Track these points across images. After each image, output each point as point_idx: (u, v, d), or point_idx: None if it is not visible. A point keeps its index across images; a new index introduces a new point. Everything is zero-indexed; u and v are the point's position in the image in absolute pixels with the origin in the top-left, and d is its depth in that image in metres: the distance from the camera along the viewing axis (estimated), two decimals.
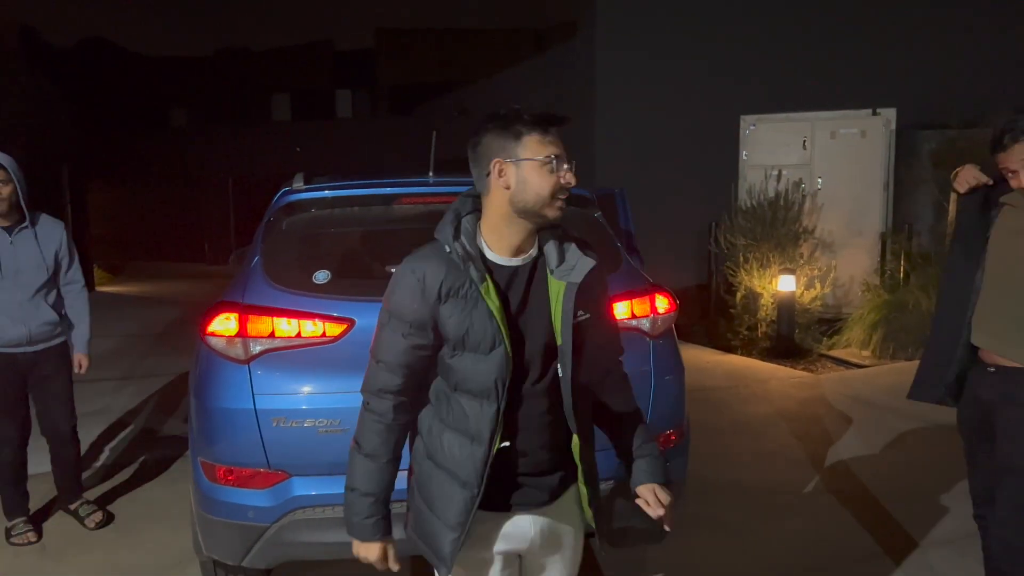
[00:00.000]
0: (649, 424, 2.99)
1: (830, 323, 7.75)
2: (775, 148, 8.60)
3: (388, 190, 3.20)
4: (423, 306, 1.72)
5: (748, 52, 9.07)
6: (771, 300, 7.62)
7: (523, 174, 1.69)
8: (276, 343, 2.73)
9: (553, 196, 1.70)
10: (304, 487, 2.73)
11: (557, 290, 1.76)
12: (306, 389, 2.73)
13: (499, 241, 1.75)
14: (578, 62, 10.29)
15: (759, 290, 7.73)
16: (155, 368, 7.30)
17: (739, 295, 7.88)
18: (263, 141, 20.79)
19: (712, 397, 6.00)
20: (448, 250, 1.72)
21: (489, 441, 1.73)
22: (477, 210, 1.79)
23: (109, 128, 21.59)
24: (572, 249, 1.81)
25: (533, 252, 1.79)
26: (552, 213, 1.72)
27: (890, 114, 8.10)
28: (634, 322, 3.00)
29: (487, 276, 1.72)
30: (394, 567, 1.86)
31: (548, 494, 1.86)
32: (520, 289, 1.77)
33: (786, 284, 7.40)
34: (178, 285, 14.15)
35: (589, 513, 1.89)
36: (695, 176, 9.12)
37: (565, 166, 1.71)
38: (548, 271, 1.78)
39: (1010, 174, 2.35)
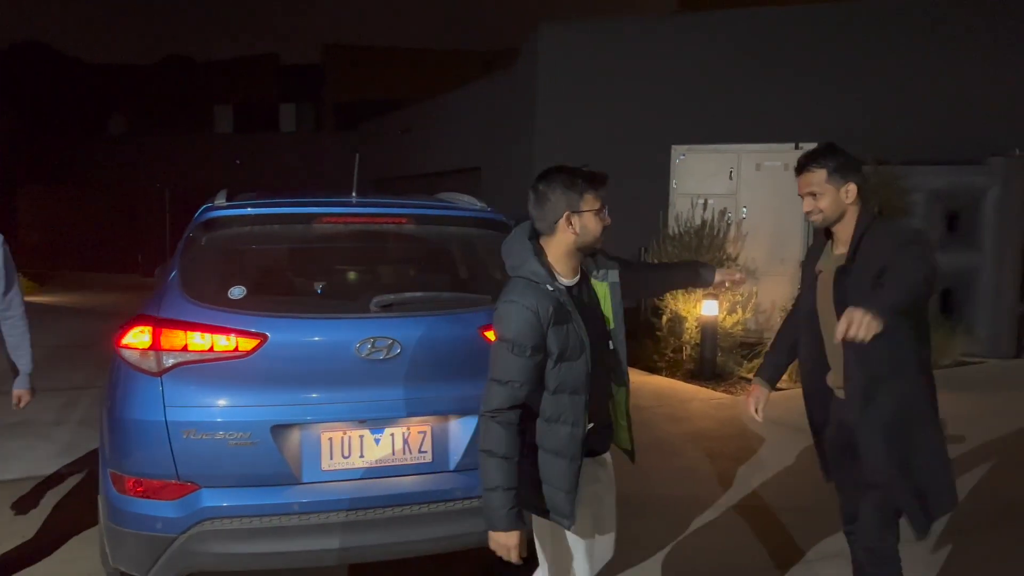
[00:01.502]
0: None
1: (751, 347, 8.02)
2: (703, 178, 8.89)
3: (310, 209, 3.27)
4: (539, 332, 2.18)
5: (681, 84, 9.38)
6: (695, 324, 7.85)
7: (584, 222, 2.26)
8: (189, 356, 2.78)
9: (600, 234, 2.30)
10: (214, 498, 2.77)
11: (604, 291, 2.40)
12: (218, 402, 2.78)
13: (565, 268, 2.30)
14: (519, 88, 10.49)
15: (684, 314, 7.95)
16: (76, 380, 7.15)
17: (665, 318, 8.09)
18: (203, 152, 20.49)
19: (637, 417, 6.14)
20: (538, 282, 2.23)
21: (584, 423, 2.26)
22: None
23: (43, 133, 21.00)
24: (600, 259, 2.44)
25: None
26: (598, 244, 2.33)
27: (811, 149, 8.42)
28: None
29: (569, 298, 2.25)
30: (524, 554, 2.22)
31: (608, 442, 2.46)
32: (580, 300, 2.32)
33: (710, 309, 7.64)
34: (108, 296, 13.82)
35: (628, 439, 2.51)
36: (628, 202, 9.28)
37: (605, 211, 2.29)
38: (592, 278, 2.41)
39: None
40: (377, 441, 2.93)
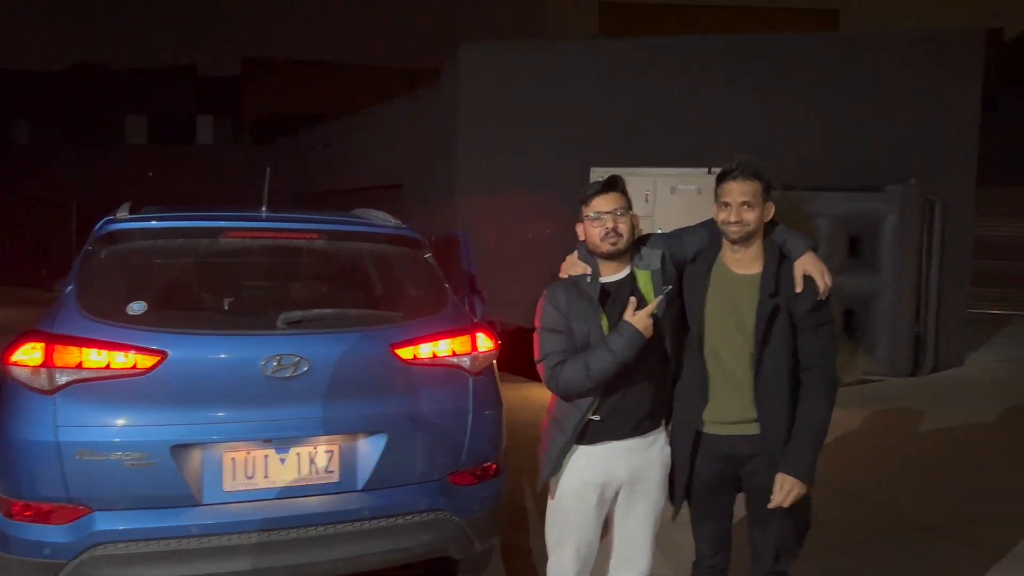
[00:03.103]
0: (467, 458, 3.15)
1: None
2: None
3: (216, 223, 3.21)
4: (559, 320, 2.59)
5: (601, 107, 9.56)
6: None
7: (586, 227, 2.62)
8: (84, 374, 2.68)
9: (601, 239, 2.56)
10: (108, 522, 2.67)
11: (644, 279, 2.61)
12: (114, 421, 2.69)
13: (601, 265, 2.63)
14: (441, 106, 10.51)
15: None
16: None
17: None
18: (114, 164, 19.74)
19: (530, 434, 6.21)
20: (571, 278, 2.64)
21: (586, 411, 2.59)
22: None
23: None
24: (644, 249, 2.66)
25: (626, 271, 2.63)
26: (604, 249, 2.58)
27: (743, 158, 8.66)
28: (455, 359, 3.15)
29: (598, 292, 2.58)
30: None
31: (632, 431, 2.68)
32: (620, 294, 2.59)
33: None
34: (8, 311, 13.13)
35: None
36: (548, 222, 9.43)
37: (606, 216, 2.56)
38: (635, 268, 2.63)
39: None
40: (283, 461, 2.87)
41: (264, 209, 3.44)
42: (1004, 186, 13.07)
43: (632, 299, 2.47)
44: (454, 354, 3.14)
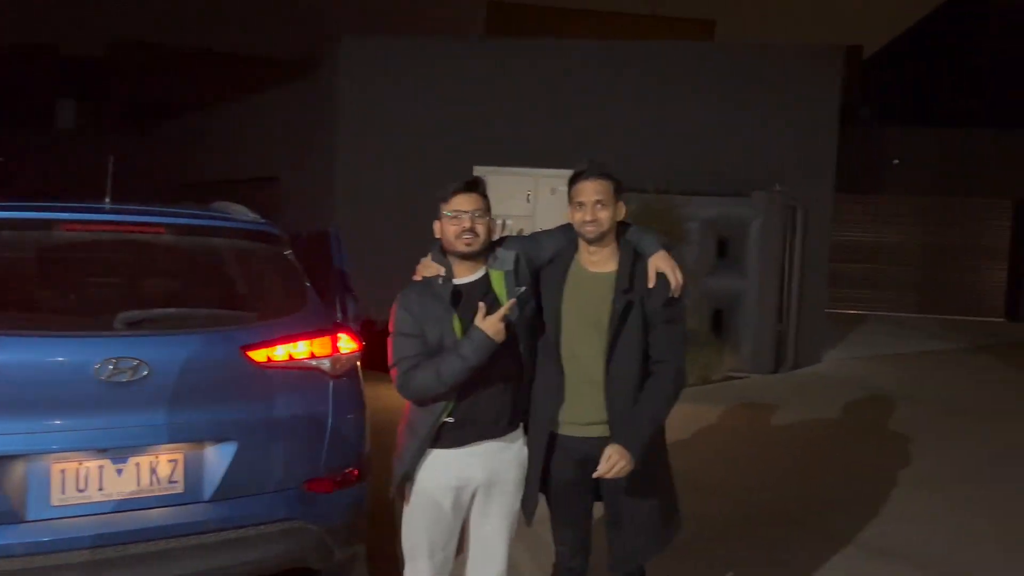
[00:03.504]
0: (327, 462, 3.03)
1: None
2: (503, 199, 9.07)
3: (50, 214, 2.95)
4: (411, 324, 2.57)
5: (484, 107, 9.56)
6: None
7: (443, 225, 2.59)
8: None
9: (456, 238, 2.54)
10: None
11: (498, 280, 2.58)
12: None
13: (456, 266, 2.62)
14: (321, 99, 10.23)
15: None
16: None
17: None
18: None
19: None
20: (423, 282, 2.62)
21: (439, 415, 2.58)
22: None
23: None
24: (500, 251, 2.64)
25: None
26: (460, 248, 2.56)
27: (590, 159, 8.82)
28: (314, 362, 3.02)
29: (451, 295, 2.57)
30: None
31: (483, 435, 2.65)
32: (473, 296, 2.55)
33: None
34: None
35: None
36: (429, 220, 9.33)
37: (463, 216, 2.53)
38: (489, 268, 2.62)
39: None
40: (120, 472, 2.67)
41: (108, 200, 3.19)
42: (860, 194, 14.02)
43: (482, 304, 2.43)
44: (312, 356, 3.01)
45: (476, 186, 2.60)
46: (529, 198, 9.19)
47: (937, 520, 4.76)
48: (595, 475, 2.45)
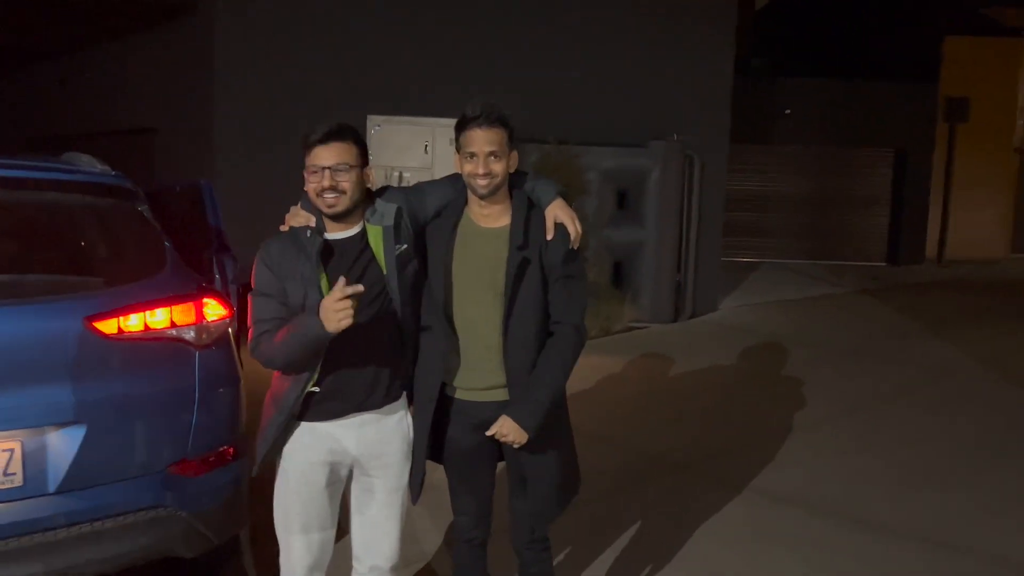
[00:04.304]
0: (194, 444, 2.73)
1: None
2: (400, 150, 8.70)
3: None
4: (270, 281, 2.32)
5: (377, 51, 9.09)
6: None
7: (307, 178, 2.28)
8: None
9: (317, 196, 2.26)
10: None
11: (376, 236, 2.31)
12: None
13: (327, 221, 2.33)
14: (196, 43, 9.46)
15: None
16: None
17: None
18: None
19: None
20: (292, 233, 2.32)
21: (304, 384, 2.33)
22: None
23: None
24: (379, 202, 2.36)
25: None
26: (326, 208, 2.27)
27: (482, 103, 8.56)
28: (174, 331, 2.69)
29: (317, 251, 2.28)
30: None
31: (361, 406, 2.42)
32: (346, 252, 2.31)
33: None
34: None
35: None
36: None
37: (323, 172, 2.23)
38: (367, 223, 2.34)
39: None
40: None
41: None
42: (751, 144, 14.28)
43: (342, 278, 2.11)
44: (173, 325, 2.68)
45: (341, 134, 2.27)
46: (427, 149, 8.83)
47: (828, 462, 4.88)
48: (487, 433, 2.35)
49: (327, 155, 2.23)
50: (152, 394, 2.62)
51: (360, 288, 2.08)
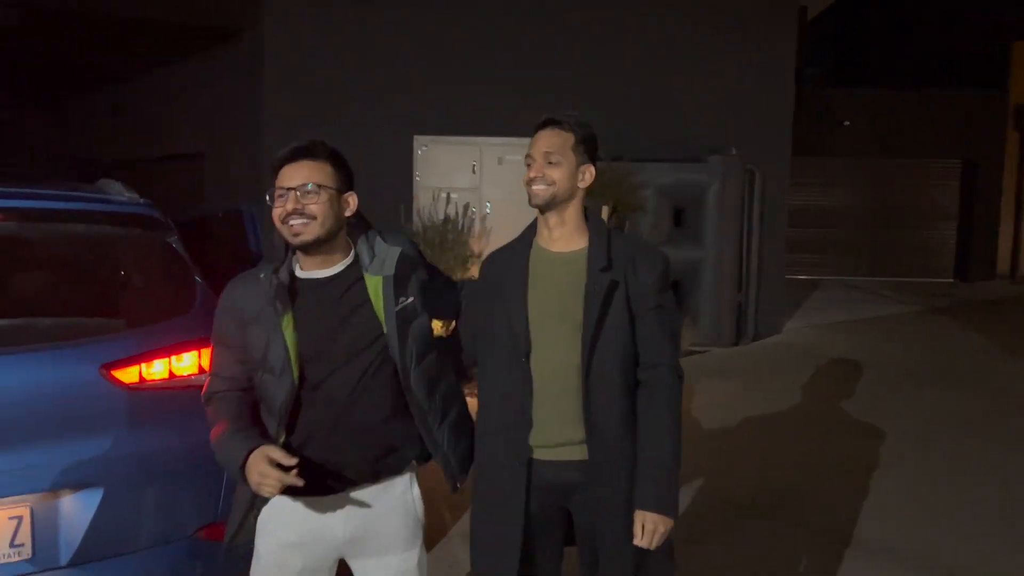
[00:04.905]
0: (228, 502, 2.40)
1: None
2: (447, 171, 8.51)
3: None
4: (231, 328, 1.99)
5: (424, 71, 8.89)
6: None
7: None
8: None
9: (282, 223, 1.88)
10: None
11: (375, 286, 1.92)
12: None
13: (302, 257, 1.97)
14: (245, 68, 9.38)
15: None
16: None
17: None
18: None
19: None
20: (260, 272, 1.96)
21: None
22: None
23: None
24: (380, 244, 1.99)
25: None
26: (287, 236, 1.88)
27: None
28: (203, 378, 2.38)
29: (288, 293, 1.93)
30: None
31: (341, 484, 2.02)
32: (326, 298, 1.92)
33: None
34: None
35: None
36: (369, 196, 8.64)
37: (287, 196, 1.87)
38: (364, 271, 1.94)
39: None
40: None
41: None
42: (809, 157, 13.70)
43: (276, 450, 1.74)
44: (202, 371, 2.38)
45: (312, 152, 1.94)
46: (475, 169, 8.55)
47: (909, 504, 4.43)
48: (635, 543, 1.95)
49: (294, 174, 1.89)
50: (178, 449, 2.32)
51: (293, 461, 1.71)
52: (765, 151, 8.97)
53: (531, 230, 2.12)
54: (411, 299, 1.95)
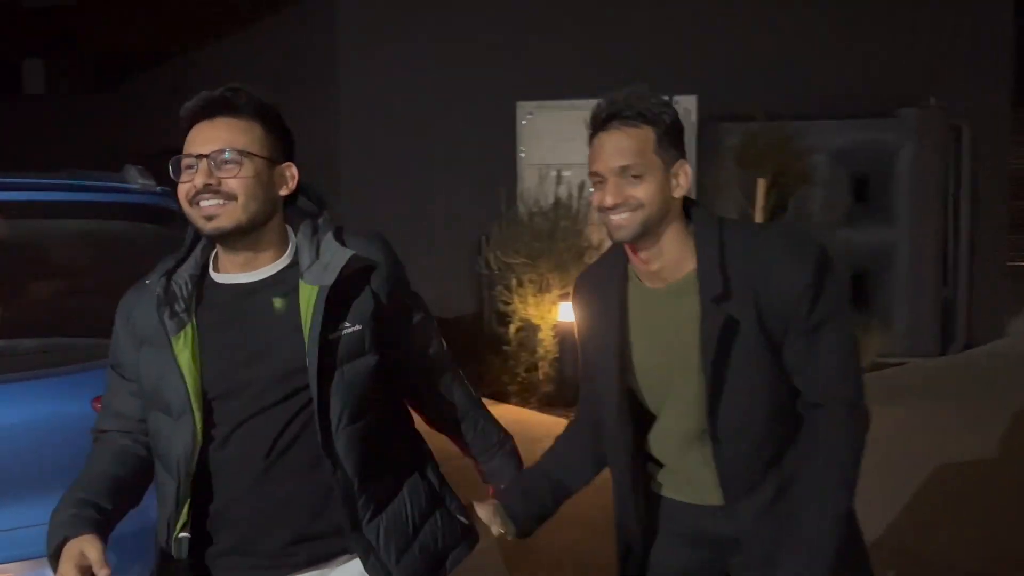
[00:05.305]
0: None
1: None
2: (557, 143, 8.41)
3: None
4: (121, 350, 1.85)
5: (527, 25, 8.95)
6: (552, 333, 7.33)
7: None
8: None
9: (188, 201, 1.67)
10: None
11: (308, 298, 1.67)
12: None
13: (222, 258, 1.76)
14: (315, 30, 9.68)
15: (537, 321, 7.45)
16: None
17: (514, 328, 7.51)
18: None
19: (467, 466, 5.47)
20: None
21: (166, 519, 1.78)
22: None
23: None
24: (328, 244, 1.73)
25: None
26: (196, 221, 1.68)
27: (690, 102, 8.06)
28: None
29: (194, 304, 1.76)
30: None
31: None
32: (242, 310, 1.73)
33: (567, 313, 7.10)
34: None
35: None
36: (465, 176, 8.79)
37: (200, 164, 1.63)
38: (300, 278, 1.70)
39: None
40: None
41: None
42: None
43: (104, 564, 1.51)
44: None
45: (232, 106, 1.68)
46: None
47: None
48: None
49: (207, 137, 1.64)
50: None
51: (104, 574, 1.50)
52: (976, 102, 8.69)
53: (620, 256, 1.91)
54: (356, 327, 1.70)
